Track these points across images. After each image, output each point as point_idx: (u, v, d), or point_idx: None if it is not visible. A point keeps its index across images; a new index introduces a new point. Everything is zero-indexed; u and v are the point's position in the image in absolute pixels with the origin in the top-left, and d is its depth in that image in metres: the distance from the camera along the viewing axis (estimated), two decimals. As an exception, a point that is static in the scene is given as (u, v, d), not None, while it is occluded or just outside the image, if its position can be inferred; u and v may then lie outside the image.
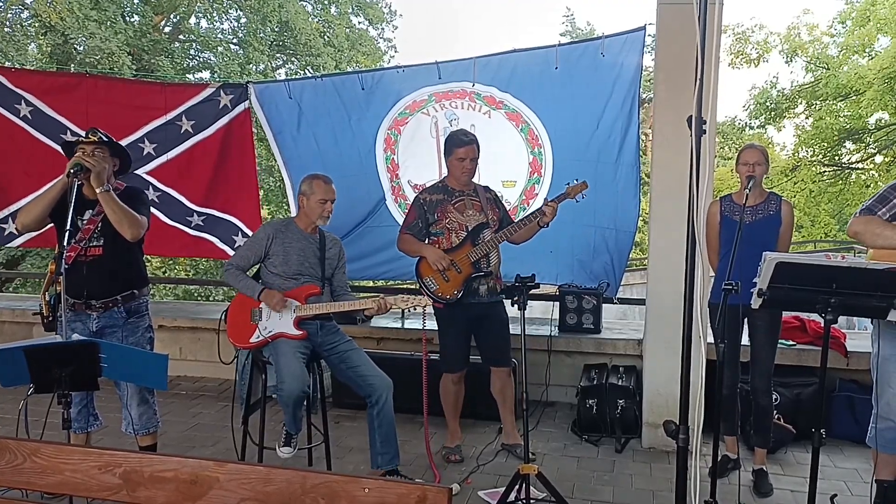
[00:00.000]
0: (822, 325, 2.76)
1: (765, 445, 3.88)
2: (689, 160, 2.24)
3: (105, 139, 3.45)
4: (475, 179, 4.23)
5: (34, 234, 5.75)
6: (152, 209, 5.59)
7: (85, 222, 3.39)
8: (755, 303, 2.75)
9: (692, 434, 2.36)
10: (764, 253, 2.71)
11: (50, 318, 3.38)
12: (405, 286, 7.19)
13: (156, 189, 5.65)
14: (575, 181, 3.96)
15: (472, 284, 3.97)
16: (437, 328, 4.19)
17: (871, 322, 3.32)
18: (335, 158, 5.51)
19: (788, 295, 2.70)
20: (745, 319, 3.75)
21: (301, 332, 3.60)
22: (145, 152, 5.63)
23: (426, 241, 4.07)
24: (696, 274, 2.28)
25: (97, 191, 3.29)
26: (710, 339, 3.70)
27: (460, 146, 3.98)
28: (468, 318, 4.06)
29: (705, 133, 2.24)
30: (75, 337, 2.97)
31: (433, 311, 4.08)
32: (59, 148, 5.62)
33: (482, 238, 3.96)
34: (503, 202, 4.24)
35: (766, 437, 3.86)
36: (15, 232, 5.88)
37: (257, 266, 3.81)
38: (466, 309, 4.01)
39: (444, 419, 4.29)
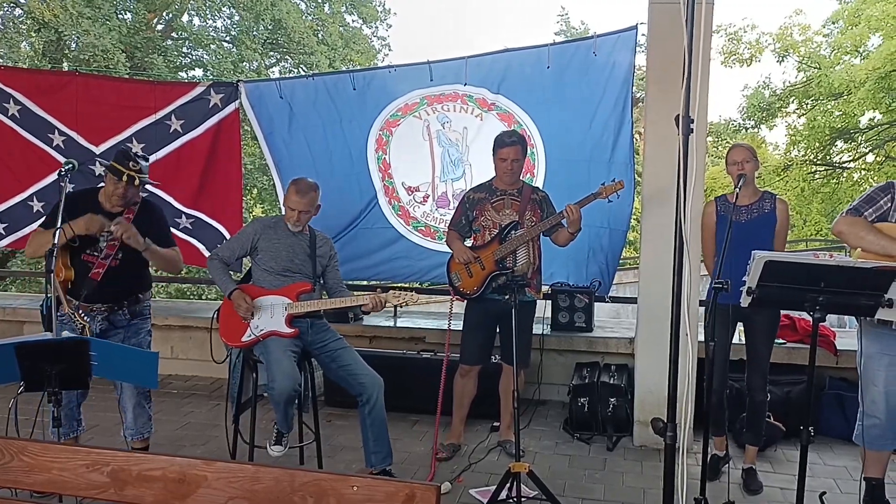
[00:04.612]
0: (811, 323, 2.77)
1: (756, 443, 3.90)
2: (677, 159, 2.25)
3: (143, 166, 3.53)
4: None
5: (20, 235, 5.75)
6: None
7: (109, 238, 3.44)
8: (745, 301, 2.76)
9: (680, 431, 2.37)
10: (753, 252, 2.72)
11: (80, 322, 3.39)
12: (399, 286, 7.20)
13: (143, 190, 5.61)
14: (613, 180, 3.97)
15: (496, 281, 3.98)
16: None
17: (856, 320, 3.34)
18: (326, 160, 5.51)
19: (777, 293, 2.71)
20: (742, 318, 3.76)
21: (293, 330, 3.60)
22: (133, 152, 5.60)
23: (471, 238, 4.17)
24: (683, 272, 2.29)
25: (140, 251, 3.42)
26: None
27: (503, 146, 4.02)
28: (492, 314, 4.08)
29: (693, 132, 2.24)
30: (66, 335, 2.96)
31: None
32: (47, 148, 5.62)
33: (510, 237, 3.98)
34: (550, 203, 4.21)
35: (757, 435, 3.88)
36: (2, 232, 5.85)
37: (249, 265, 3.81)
38: (490, 305, 4.03)
39: (444, 417, 4.27)
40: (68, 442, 3.55)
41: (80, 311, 3.37)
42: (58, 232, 3.10)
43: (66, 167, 3.26)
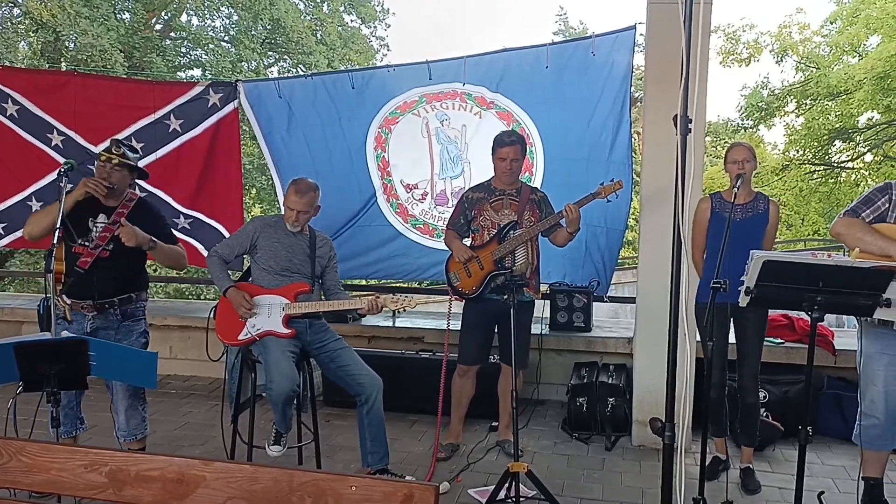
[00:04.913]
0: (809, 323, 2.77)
1: (751, 444, 3.91)
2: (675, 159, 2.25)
3: (128, 153, 3.50)
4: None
5: (19, 234, 5.75)
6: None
7: (100, 229, 3.42)
8: (743, 301, 2.77)
9: (678, 431, 2.37)
10: (751, 251, 2.73)
11: (64, 313, 3.38)
12: (396, 285, 7.19)
13: (142, 190, 5.60)
14: (612, 180, 3.97)
15: (495, 281, 3.98)
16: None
17: (856, 320, 3.34)
18: (325, 158, 5.52)
19: (775, 293, 2.72)
20: (732, 318, 3.76)
21: (290, 331, 3.60)
22: (123, 142, 5.61)
23: (469, 238, 4.17)
24: (682, 272, 2.29)
25: (146, 249, 3.46)
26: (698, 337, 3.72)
27: (503, 146, 4.02)
28: (491, 315, 4.08)
29: (691, 132, 2.24)
30: (65, 334, 2.96)
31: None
32: (46, 148, 5.63)
33: (509, 236, 3.99)
34: (548, 203, 4.21)
35: (752, 436, 3.88)
36: (1, 232, 5.85)
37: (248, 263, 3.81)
38: (488, 305, 4.03)
39: (443, 417, 4.27)
40: (68, 441, 3.55)
41: (64, 297, 3.36)
42: (56, 232, 3.10)
43: (65, 167, 3.26)
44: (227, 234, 5.70)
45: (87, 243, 3.40)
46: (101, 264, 3.40)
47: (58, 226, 3.11)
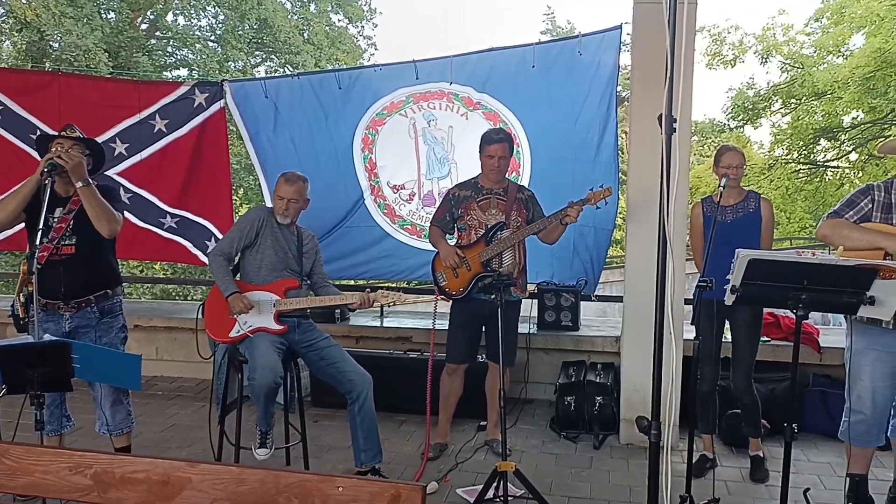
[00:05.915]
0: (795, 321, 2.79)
1: (756, 435, 3.99)
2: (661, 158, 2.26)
3: (81, 136, 3.43)
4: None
5: (2, 237, 5.66)
6: (124, 212, 5.54)
7: (56, 220, 3.33)
8: (728, 299, 2.79)
9: (664, 429, 2.38)
10: (737, 250, 2.75)
11: (25, 320, 3.34)
12: (385, 286, 7.18)
13: (127, 191, 5.55)
14: (601, 187, 3.94)
15: (482, 282, 3.98)
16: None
17: (844, 317, 3.37)
18: (312, 159, 5.49)
19: (761, 291, 2.73)
20: (727, 316, 3.80)
21: (282, 327, 3.60)
22: (117, 152, 5.54)
23: (454, 235, 4.16)
24: (668, 271, 2.30)
25: (77, 185, 3.24)
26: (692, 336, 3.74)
27: (490, 143, 4.01)
28: (478, 314, 4.08)
29: (676, 131, 2.25)
30: (47, 337, 2.93)
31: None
32: (28, 149, 5.56)
33: (497, 238, 3.98)
34: (536, 202, 4.20)
35: (756, 428, 3.97)
36: None
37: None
38: (476, 305, 4.03)
39: (431, 417, 4.28)
40: (54, 439, 3.51)
41: (21, 297, 3.32)
42: (39, 233, 3.06)
43: (48, 167, 3.21)
44: (216, 231, 5.67)
45: (45, 240, 3.28)
46: (69, 261, 3.32)
47: (40, 226, 3.07)
